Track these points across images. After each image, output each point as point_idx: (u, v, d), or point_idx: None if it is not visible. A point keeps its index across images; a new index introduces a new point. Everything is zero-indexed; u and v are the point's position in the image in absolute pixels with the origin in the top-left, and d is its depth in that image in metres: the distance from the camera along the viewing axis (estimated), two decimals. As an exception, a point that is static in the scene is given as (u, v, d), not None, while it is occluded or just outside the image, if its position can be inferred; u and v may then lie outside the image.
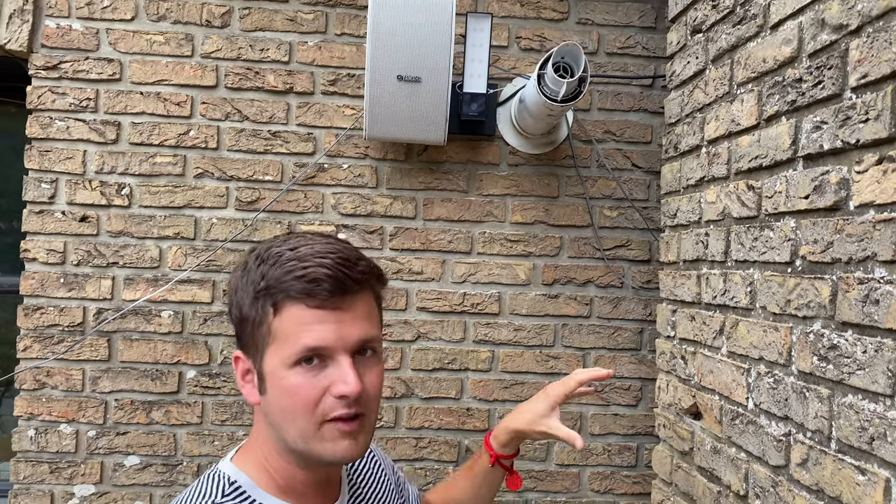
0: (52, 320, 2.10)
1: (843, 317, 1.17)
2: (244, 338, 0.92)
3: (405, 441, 2.19)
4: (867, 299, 1.11)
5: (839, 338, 1.18)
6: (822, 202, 1.24)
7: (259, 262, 0.89)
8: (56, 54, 2.11)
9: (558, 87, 1.84)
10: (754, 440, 1.43)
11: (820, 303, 1.24)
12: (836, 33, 1.22)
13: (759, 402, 1.42)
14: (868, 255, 1.12)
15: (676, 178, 1.90)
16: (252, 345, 0.91)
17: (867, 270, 1.12)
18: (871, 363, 1.09)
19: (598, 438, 2.24)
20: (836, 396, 1.18)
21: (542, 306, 2.23)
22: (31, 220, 2.10)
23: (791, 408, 1.31)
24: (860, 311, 1.13)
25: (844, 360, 1.16)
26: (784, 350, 1.34)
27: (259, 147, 2.17)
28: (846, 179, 1.19)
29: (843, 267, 1.18)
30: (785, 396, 1.33)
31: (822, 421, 1.22)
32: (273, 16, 2.17)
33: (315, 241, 0.90)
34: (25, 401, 2.10)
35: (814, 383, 1.25)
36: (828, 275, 1.22)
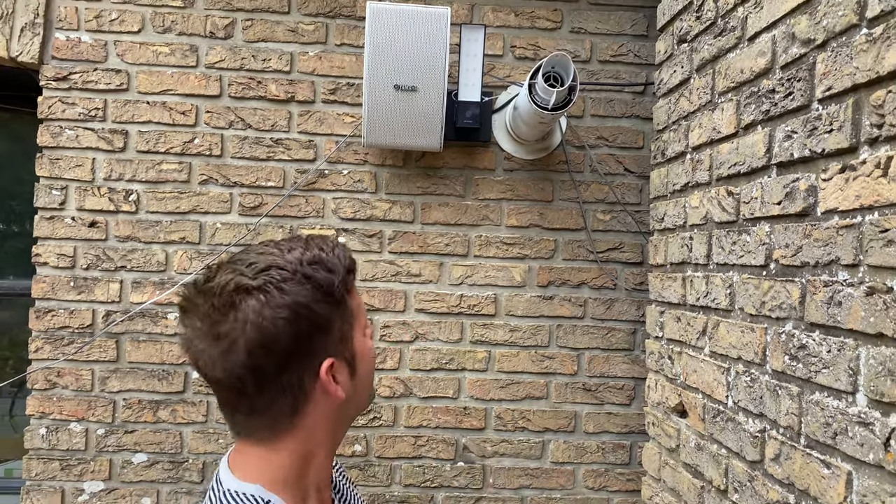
0: (62, 322, 2.18)
1: (811, 318, 1.23)
2: (330, 341, 0.94)
3: (404, 439, 2.25)
4: (831, 301, 1.17)
5: (808, 338, 1.24)
6: (793, 208, 1.30)
7: (309, 272, 0.92)
8: (66, 66, 2.19)
9: (549, 95, 1.90)
10: (733, 437, 1.49)
11: (791, 304, 1.29)
12: (805, 47, 1.28)
13: (738, 399, 1.48)
14: (832, 259, 1.17)
15: (664, 184, 1.96)
16: (339, 340, 0.95)
17: (832, 273, 1.18)
18: (835, 362, 1.15)
19: (592, 437, 2.29)
20: (804, 394, 1.24)
21: (537, 307, 2.29)
22: (42, 226, 2.18)
23: (765, 405, 1.37)
24: (825, 312, 1.18)
25: (812, 359, 1.22)
26: (759, 350, 1.40)
27: (262, 154, 2.24)
28: (814, 187, 1.24)
29: (811, 270, 1.24)
30: (760, 394, 1.39)
31: (792, 417, 1.27)
32: (275, 27, 2.24)
33: (303, 240, 0.99)
34: (37, 400, 2.18)
35: (785, 381, 1.30)
36: (798, 278, 1.28)
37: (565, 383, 2.29)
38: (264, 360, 0.88)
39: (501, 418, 2.28)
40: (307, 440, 0.96)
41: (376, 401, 2.25)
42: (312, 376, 0.93)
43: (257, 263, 0.90)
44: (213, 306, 0.87)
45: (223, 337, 0.86)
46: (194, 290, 0.91)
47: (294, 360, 0.90)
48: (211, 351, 0.88)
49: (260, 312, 0.86)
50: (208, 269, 0.94)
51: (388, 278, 2.25)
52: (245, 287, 0.88)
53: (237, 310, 0.87)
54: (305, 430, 0.95)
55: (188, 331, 0.90)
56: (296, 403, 0.93)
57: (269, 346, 0.87)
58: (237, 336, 0.86)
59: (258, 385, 0.90)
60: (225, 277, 0.89)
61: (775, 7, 1.38)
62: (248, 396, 0.90)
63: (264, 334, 0.86)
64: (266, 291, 0.87)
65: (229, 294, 0.87)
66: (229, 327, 0.86)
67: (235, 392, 0.90)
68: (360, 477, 2.24)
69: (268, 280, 0.88)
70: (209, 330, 0.88)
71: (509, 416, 2.28)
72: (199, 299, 0.89)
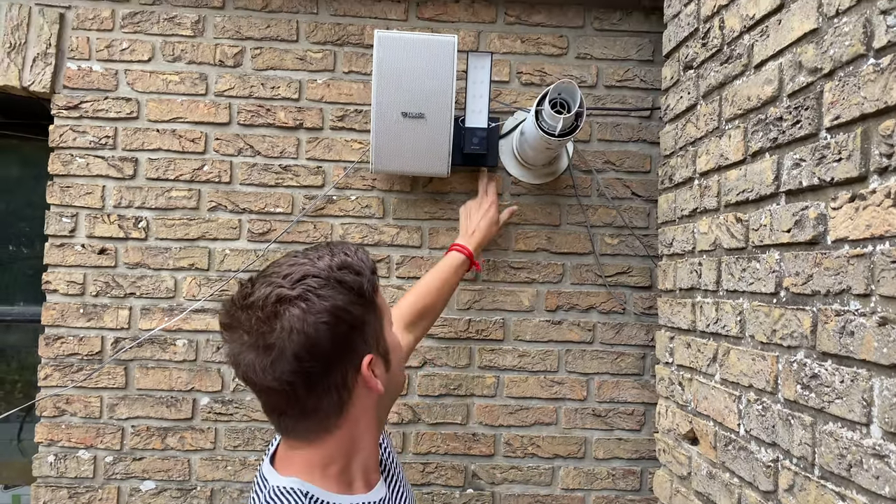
0: (71, 349, 2.18)
1: (823, 347, 1.22)
2: (367, 339, 1.02)
3: (412, 466, 2.24)
4: (844, 331, 1.16)
5: (820, 367, 1.23)
6: (803, 236, 1.29)
7: (340, 277, 0.98)
8: (77, 95, 2.22)
9: (555, 122, 1.90)
10: (746, 466, 1.47)
11: (802, 333, 1.29)
12: (812, 76, 1.28)
13: (750, 428, 1.47)
14: (844, 289, 1.17)
15: (672, 209, 1.96)
16: (373, 336, 1.04)
17: (843, 303, 1.17)
18: (848, 392, 1.14)
19: (602, 463, 2.27)
20: (818, 424, 1.23)
21: (545, 332, 2.28)
22: (53, 253, 2.20)
23: (778, 434, 1.35)
24: (838, 342, 1.18)
25: (825, 389, 1.21)
26: (771, 378, 1.39)
27: (270, 181, 2.25)
28: (823, 215, 1.24)
29: (822, 299, 1.24)
30: (772, 423, 1.37)
31: (805, 448, 1.26)
32: (283, 55, 2.26)
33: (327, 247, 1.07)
34: (46, 427, 2.18)
35: (798, 411, 1.29)
36: (809, 306, 1.27)
37: (575, 409, 2.28)
38: (311, 364, 0.94)
39: (510, 444, 2.26)
40: (352, 433, 1.04)
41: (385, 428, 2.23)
42: (354, 373, 1.00)
43: (292, 274, 0.96)
44: (258, 318, 0.94)
45: (271, 347, 0.93)
46: (235, 306, 0.97)
47: (338, 361, 0.98)
48: (260, 361, 0.94)
49: (303, 319, 0.93)
50: (242, 285, 1.00)
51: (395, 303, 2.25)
52: (286, 297, 0.94)
53: (281, 319, 0.93)
54: (350, 424, 1.03)
55: (235, 346, 0.96)
56: (341, 401, 1.00)
57: (314, 350, 0.94)
58: (284, 344, 0.92)
59: (307, 388, 0.96)
60: (264, 291, 0.95)
61: (781, 35, 1.38)
62: (298, 400, 0.97)
63: (309, 340, 0.93)
64: (306, 299, 0.94)
65: (272, 305, 0.93)
66: (276, 337, 0.92)
67: (286, 397, 0.97)
68: (369, 504, 2.22)
69: (306, 288, 0.95)
70: (256, 342, 0.94)
71: (518, 442, 2.26)
72: (242, 314, 0.95)
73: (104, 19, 2.22)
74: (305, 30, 2.27)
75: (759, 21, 1.47)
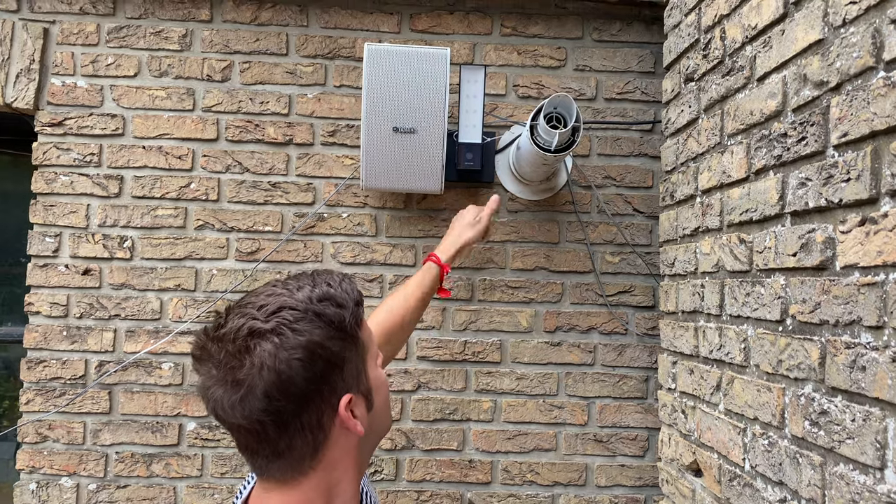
0: (54, 373, 2.12)
1: (833, 381, 1.13)
2: (346, 377, 0.94)
3: (406, 494, 2.15)
4: (854, 365, 1.07)
5: (829, 403, 1.14)
6: (810, 261, 1.21)
7: (319, 310, 0.91)
8: (61, 111, 2.16)
9: (551, 137, 1.83)
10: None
11: (810, 365, 1.20)
12: (818, 89, 1.20)
13: (755, 464, 1.37)
14: (854, 319, 1.08)
15: (673, 227, 1.87)
16: (354, 374, 0.95)
17: (854, 335, 1.09)
18: (860, 433, 1.05)
19: (604, 490, 2.18)
20: (828, 465, 1.14)
21: (544, 354, 2.20)
22: (35, 274, 2.13)
23: (785, 473, 1.26)
24: (848, 376, 1.09)
25: (835, 427, 1.12)
26: (777, 412, 1.30)
27: (259, 198, 2.18)
28: (832, 238, 1.15)
29: (830, 329, 1.15)
30: (779, 461, 1.28)
31: (815, 489, 1.17)
32: (273, 69, 2.20)
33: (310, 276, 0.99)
34: (27, 454, 2.11)
35: (806, 449, 1.20)
36: (817, 336, 1.19)
37: (575, 434, 2.19)
38: (283, 403, 0.87)
39: (508, 471, 2.17)
40: (330, 476, 0.96)
41: (377, 454, 2.15)
42: (331, 414, 0.92)
43: (268, 306, 0.89)
44: (227, 352, 0.87)
45: (240, 383, 0.86)
46: (206, 337, 0.90)
47: (312, 400, 0.90)
48: (229, 397, 0.87)
49: (275, 355, 0.86)
50: (217, 314, 0.93)
51: (388, 325, 2.17)
52: (258, 331, 0.87)
53: (252, 354, 0.86)
54: (327, 466, 0.95)
55: (204, 378, 0.89)
56: (316, 443, 0.92)
57: (287, 388, 0.86)
58: (254, 381, 0.85)
59: (278, 428, 0.89)
60: (237, 322, 0.88)
61: (785, 47, 1.30)
62: (268, 440, 0.90)
63: (281, 377, 0.86)
64: (280, 333, 0.87)
65: (243, 339, 0.87)
66: (245, 373, 0.86)
67: (256, 436, 0.89)
68: (361, 534, 2.14)
69: (280, 322, 0.88)
70: (225, 376, 0.87)
71: (517, 468, 2.17)
72: (212, 346, 0.89)
73: (89, 34, 2.16)
74: (296, 43, 2.20)
75: (762, 31, 1.39)
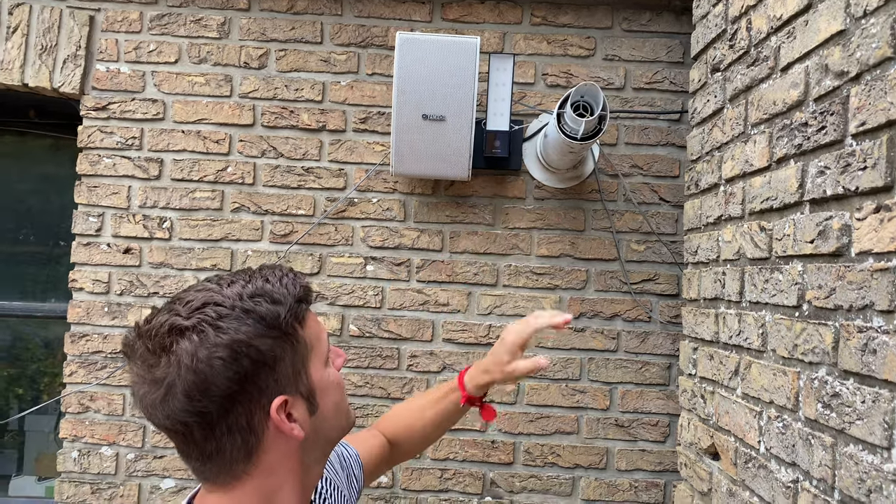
0: (96, 347, 2.21)
1: (845, 365, 1.16)
2: (278, 378, 0.88)
3: (430, 472, 2.21)
4: (866, 348, 1.10)
5: (841, 386, 1.17)
6: (826, 247, 1.23)
7: (249, 307, 0.87)
8: (105, 96, 2.25)
9: (577, 125, 1.86)
10: (765, 485, 1.42)
11: (824, 349, 1.23)
12: (839, 79, 1.22)
13: (770, 446, 1.41)
14: (867, 304, 1.11)
15: (697, 216, 1.90)
16: (291, 375, 0.90)
17: (866, 319, 1.11)
18: (869, 414, 1.08)
19: (624, 474, 2.22)
20: (838, 445, 1.17)
21: (567, 340, 2.24)
22: (79, 252, 2.23)
23: (798, 454, 1.29)
24: (859, 359, 1.12)
25: (846, 408, 1.15)
26: (792, 395, 1.33)
27: (293, 182, 2.25)
28: (848, 226, 1.18)
29: (844, 314, 1.18)
30: (793, 442, 1.32)
31: (825, 469, 1.20)
32: (308, 57, 2.26)
33: (249, 272, 0.94)
34: (70, 423, 2.21)
35: (819, 430, 1.23)
36: (831, 321, 1.21)
37: (597, 418, 2.23)
38: (205, 405, 0.83)
39: (530, 453, 2.22)
40: (267, 482, 0.91)
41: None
42: (263, 416, 0.87)
43: (193, 301, 0.85)
44: (147, 349, 0.83)
45: (160, 381, 0.82)
46: (135, 332, 0.86)
47: (238, 402, 0.85)
48: (150, 396, 0.83)
49: (194, 354, 0.81)
50: (153, 309, 0.89)
51: (415, 307, 2.23)
52: (178, 328, 0.83)
53: (170, 353, 0.82)
54: (264, 472, 0.90)
55: (131, 375, 0.86)
56: (248, 447, 0.88)
57: (208, 389, 0.82)
58: (173, 380, 0.81)
59: (203, 430, 0.85)
60: (160, 319, 0.84)
61: (808, 37, 1.32)
62: (195, 442, 0.86)
63: (200, 377, 0.81)
64: (200, 331, 0.83)
65: (163, 336, 0.83)
66: (164, 371, 0.82)
67: (182, 438, 0.86)
68: (386, 509, 2.21)
69: (202, 319, 0.83)
70: (146, 375, 0.83)
71: (538, 450, 2.22)
72: (137, 342, 0.85)
73: (132, 21, 2.25)
74: (330, 32, 2.26)
75: (787, 22, 1.41)
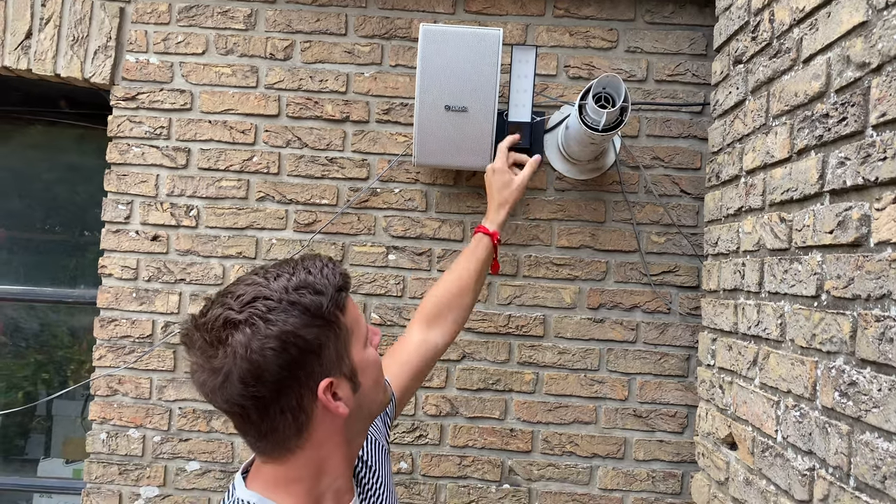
0: (124, 332, 2.27)
1: (862, 354, 1.17)
2: (324, 362, 0.96)
3: (449, 459, 2.25)
4: (883, 337, 1.11)
5: (858, 374, 1.18)
6: (845, 238, 1.24)
7: (295, 299, 0.94)
8: (134, 86, 2.30)
9: (599, 116, 1.88)
10: (782, 473, 1.43)
11: (842, 338, 1.24)
12: (860, 71, 1.23)
13: (787, 435, 1.42)
14: (884, 294, 1.12)
15: (718, 207, 1.91)
16: (335, 359, 0.98)
17: (884, 308, 1.12)
18: (886, 402, 1.09)
19: (642, 464, 2.24)
20: (854, 433, 1.18)
21: (587, 330, 2.26)
22: (109, 239, 2.28)
23: (815, 443, 1.31)
24: (876, 348, 1.13)
25: (862, 397, 1.16)
26: (809, 384, 1.34)
27: (317, 172, 2.29)
28: (867, 216, 1.19)
29: (862, 304, 1.19)
30: (809, 431, 1.33)
31: (841, 457, 1.21)
32: (332, 48, 2.29)
33: (291, 264, 1.01)
34: (99, 406, 2.27)
35: (835, 419, 1.25)
36: (849, 311, 1.22)
37: (615, 408, 2.24)
38: (259, 389, 0.91)
39: (548, 441, 2.25)
40: (318, 454, 1.01)
41: (423, 419, 2.25)
42: (311, 398, 0.96)
43: (244, 296, 0.93)
44: (205, 341, 0.92)
45: (218, 370, 0.91)
46: (192, 324, 0.95)
47: (289, 386, 0.94)
48: (210, 383, 0.92)
49: (247, 345, 0.90)
50: (206, 301, 0.98)
51: (433, 297, 2.26)
52: (232, 321, 0.91)
53: (226, 345, 0.91)
54: (314, 445, 0.99)
55: (190, 363, 0.95)
56: (299, 425, 0.97)
57: (261, 376, 0.91)
58: (230, 369, 0.90)
59: (259, 412, 0.94)
60: (215, 312, 0.93)
61: (830, 29, 1.33)
62: (252, 422, 0.95)
63: (254, 366, 0.90)
64: (252, 324, 0.91)
65: (218, 330, 0.91)
66: (221, 361, 0.91)
67: (240, 418, 0.96)
68: (406, 495, 2.24)
69: (253, 312, 0.91)
70: (205, 364, 0.92)
71: (556, 439, 2.24)
72: (195, 334, 0.94)
73: (161, 13, 2.29)
74: (354, 23, 2.29)
75: (809, 14, 1.42)
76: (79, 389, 2.66)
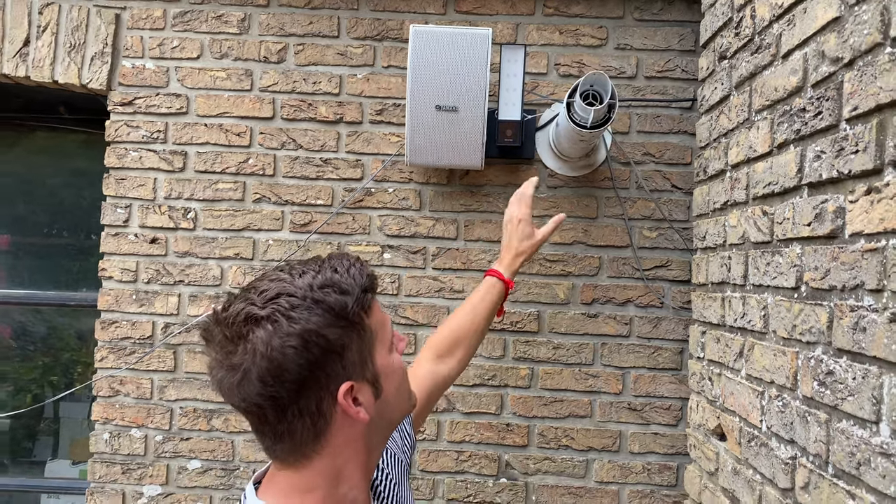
0: (125, 333, 2.31)
1: (838, 343, 1.20)
2: (346, 365, 0.93)
3: (446, 454, 2.28)
4: (857, 327, 1.13)
5: (835, 364, 1.20)
6: (822, 230, 1.27)
7: (319, 297, 0.91)
8: (131, 91, 2.33)
9: (587, 114, 1.90)
10: (766, 462, 1.45)
11: (820, 329, 1.26)
12: (834, 65, 1.25)
13: (771, 424, 1.44)
14: (858, 284, 1.14)
15: (706, 202, 1.93)
16: (358, 362, 0.94)
17: (858, 298, 1.15)
18: (860, 389, 1.12)
19: (637, 457, 2.26)
20: (832, 421, 1.21)
21: (581, 325, 2.28)
22: (108, 242, 2.32)
23: (796, 431, 1.33)
24: (851, 338, 1.15)
25: (839, 385, 1.18)
26: (791, 374, 1.36)
27: (312, 173, 2.32)
28: (842, 208, 1.21)
29: (838, 294, 1.21)
30: (791, 420, 1.35)
31: (820, 445, 1.24)
32: (325, 51, 2.32)
33: (318, 262, 0.98)
34: (101, 406, 2.31)
35: (814, 408, 1.27)
36: (826, 301, 1.25)
37: (610, 402, 2.27)
38: (277, 389, 0.88)
39: (544, 436, 2.27)
40: (335, 461, 0.96)
41: (419, 415, 2.27)
42: (331, 401, 0.92)
43: (267, 291, 0.90)
44: (225, 337, 0.89)
45: (236, 367, 0.88)
46: (213, 319, 0.92)
47: (308, 387, 0.90)
48: (228, 380, 0.89)
49: (268, 343, 0.87)
50: (228, 295, 0.94)
51: (431, 294, 2.29)
52: (254, 317, 0.88)
53: (246, 341, 0.87)
54: (332, 452, 0.95)
55: (209, 359, 0.92)
56: (317, 429, 0.93)
57: (280, 375, 0.87)
58: (249, 366, 0.87)
59: (276, 412, 0.90)
60: (237, 307, 0.90)
61: (806, 24, 1.35)
62: (269, 423, 0.91)
63: (274, 364, 0.87)
64: (274, 321, 0.87)
65: (239, 325, 0.88)
66: (240, 358, 0.88)
67: (256, 418, 0.92)
68: (404, 490, 2.27)
69: (276, 309, 0.88)
70: (224, 360, 0.89)
71: (552, 433, 2.27)
72: (215, 329, 0.91)
73: (156, 19, 2.33)
74: (346, 25, 2.32)
75: (787, 9, 1.44)
76: (84, 391, 2.70)
